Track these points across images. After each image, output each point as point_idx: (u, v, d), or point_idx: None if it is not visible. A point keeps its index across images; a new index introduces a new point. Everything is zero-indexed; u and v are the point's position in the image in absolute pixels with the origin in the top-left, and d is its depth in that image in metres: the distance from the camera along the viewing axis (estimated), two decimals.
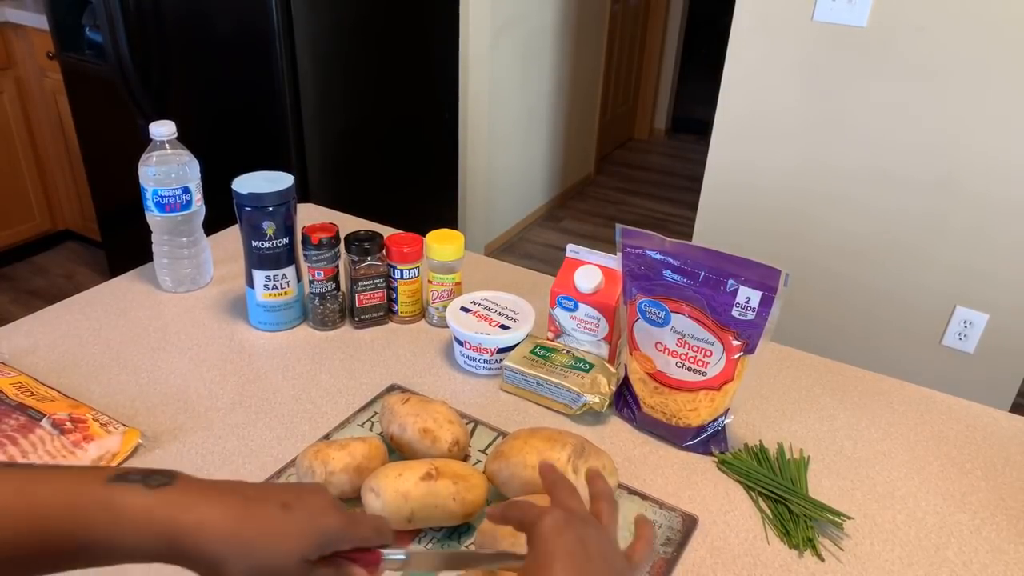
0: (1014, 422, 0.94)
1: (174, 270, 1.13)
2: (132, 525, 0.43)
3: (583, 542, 0.49)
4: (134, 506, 0.43)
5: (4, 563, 0.43)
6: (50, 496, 0.43)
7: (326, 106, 2.17)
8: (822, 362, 1.04)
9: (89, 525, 0.43)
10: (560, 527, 0.50)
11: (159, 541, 0.44)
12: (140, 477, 0.45)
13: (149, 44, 2.16)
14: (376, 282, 1.05)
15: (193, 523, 0.44)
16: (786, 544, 0.75)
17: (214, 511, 0.45)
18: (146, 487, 0.44)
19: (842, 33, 1.88)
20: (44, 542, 0.43)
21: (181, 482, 0.46)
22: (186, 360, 0.99)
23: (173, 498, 0.44)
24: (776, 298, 0.77)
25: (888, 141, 1.93)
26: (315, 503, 0.50)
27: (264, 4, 1.92)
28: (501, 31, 2.90)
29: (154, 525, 0.43)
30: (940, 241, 1.95)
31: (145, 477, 0.45)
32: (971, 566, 0.74)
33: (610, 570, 0.50)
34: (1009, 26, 1.71)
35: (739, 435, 0.89)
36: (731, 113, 2.12)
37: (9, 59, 2.71)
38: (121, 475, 0.45)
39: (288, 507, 0.48)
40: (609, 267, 0.95)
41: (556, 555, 0.48)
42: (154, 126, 1.04)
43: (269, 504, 0.47)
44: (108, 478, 0.44)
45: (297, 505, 0.48)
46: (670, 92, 4.72)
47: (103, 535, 0.43)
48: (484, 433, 0.88)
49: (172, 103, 2.23)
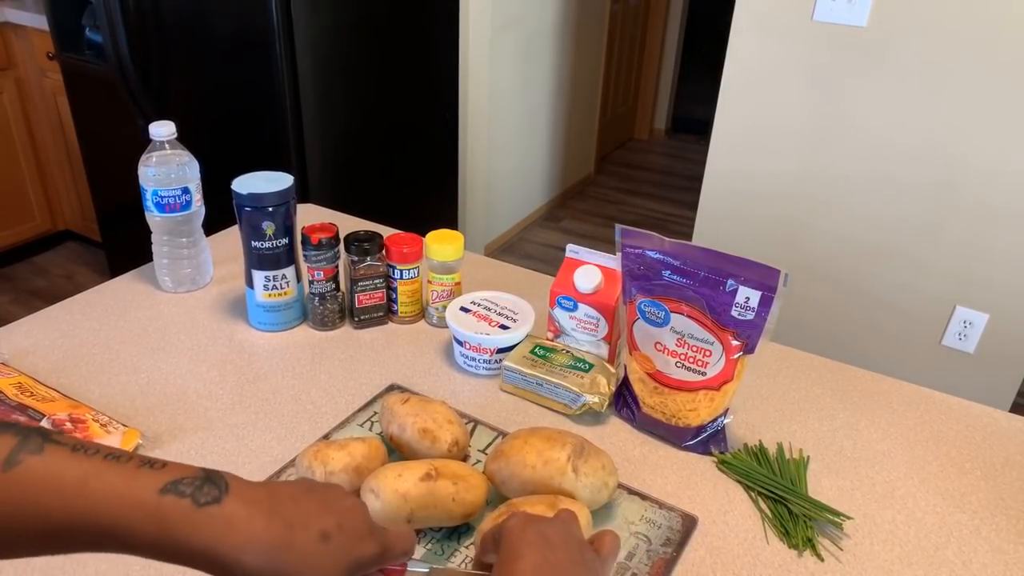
0: (1014, 422, 0.94)
1: (174, 270, 1.13)
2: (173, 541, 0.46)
3: (545, 535, 0.52)
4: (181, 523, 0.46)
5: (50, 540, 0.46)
6: (105, 493, 0.45)
7: (326, 106, 2.17)
8: (822, 362, 1.04)
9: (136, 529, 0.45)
10: (523, 523, 0.54)
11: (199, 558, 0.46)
12: (192, 489, 0.47)
13: (149, 44, 2.16)
14: (376, 282, 1.05)
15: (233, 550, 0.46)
16: (786, 544, 0.75)
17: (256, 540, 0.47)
18: (195, 504, 0.46)
19: (842, 33, 1.88)
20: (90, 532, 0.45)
21: (230, 500, 0.48)
22: (186, 360, 0.99)
23: (219, 521, 0.46)
24: (776, 298, 0.77)
25: (888, 141, 1.93)
26: (353, 529, 0.52)
27: (264, 4, 1.92)
28: (501, 31, 2.90)
29: (196, 545, 0.46)
30: (940, 241, 1.95)
31: (197, 489, 0.47)
32: (971, 566, 0.74)
33: (573, 558, 0.52)
34: (1009, 26, 1.71)
35: (739, 435, 0.89)
36: (731, 113, 2.12)
37: (9, 59, 2.71)
38: (173, 484, 0.47)
39: (327, 538, 0.50)
40: (609, 267, 0.95)
41: (522, 547, 0.51)
42: (154, 126, 1.04)
43: (310, 532, 0.49)
44: (161, 489, 0.46)
45: (336, 535, 0.50)
46: (670, 92, 4.72)
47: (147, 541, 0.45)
48: (484, 433, 0.88)
49: (172, 103, 2.23)
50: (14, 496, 0.44)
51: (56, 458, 0.46)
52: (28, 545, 0.46)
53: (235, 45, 2.04)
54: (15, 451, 0.45)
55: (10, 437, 0.46)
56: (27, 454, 0.45)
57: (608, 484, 0.74)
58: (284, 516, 0.49)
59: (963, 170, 1.87)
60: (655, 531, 0.75)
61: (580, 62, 3.67)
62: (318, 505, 0.52)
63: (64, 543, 0.46)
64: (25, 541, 0.46)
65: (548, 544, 0.52)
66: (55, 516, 0.45)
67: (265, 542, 0.47)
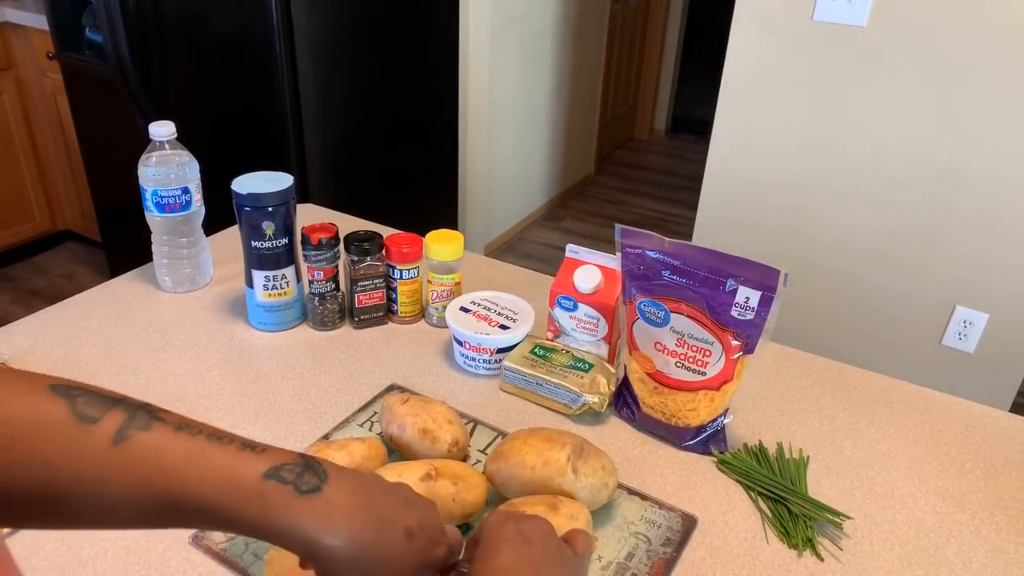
0: (1014, 422, 0.94)
1: (174, 270, 1.13)
2: (274, 524, 0.47)
3: (523, 531, 0.53)
4: (283, 510, 0.47)
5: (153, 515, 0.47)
6: (211, 472, 0.47)
7: (326, 106, 2.17)
8: (822, 362, 1.04)
9: (238, 510, 0.47)
10: (501, 520, 0.54)
11: (296, 544, 0.48)
12: (293, 476, 0.48)
13: (149, 44, 2.16)
14: (376, 282, 1.05)
15: (329, 539, 0.48)
16: (785, 544, 0.75)
17: (352, 531, 0.49)
18: (297, 491, 0.48)
19: (842, 33, 1.88)
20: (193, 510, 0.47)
21: (330, 488, 0.49)
22: (186, 360, 0.99)
23: (318, 511, 0.48)
24: (775, 298, 0.77)
25: (888, 141, 1.93)
26: (431, 531, 0.53)
27: (264, 4, 1.92)
28: (501, 31, 2.90)
29: (294, 532, 0.47)
30: (940, 241, 1.95)
31: (298, 478, 0.48)
32: (970, 566, 0.74)
33: (550, 554, 0.53)
34: (1009, 26, 1.71)
35: (738, 435, 0.89)
36: (731, 113, 2.12)
37: (9, 59, 2.71)
38: (276, 470, 0.48)
39: (411, 536, 0.51)
40: (609, 267, 0.95)
41: (499, 544, 0.52)
42: (154, 126, 1.04)
43: (397, 530, 0.51)
44: (265, 474, 0.48)
45: (419, 535, 0.52)
46: (670, 92, 4.72)
47: (248, 522, 0.47)
48: (483, 433, 0.88)
49: (172, 103, 2.23)
50: (122, 471, 0.45)
51: (163, 435, 0.47)
52: (134, 519, 0.47)
53: (235, 45, 2.04)
54: (124, 426, 0.46)
55: (119, 412, 0.47)
56: (135, 430, 0.46)
57: (608, 484, 0.74)
58: (378, 511, 0.51)
59: (964, 169, 1.86)
60: (655, 531, 0.75)
61: (580, 62, 3.67)
62: (403, 503, 0.53)
63: (166, 518, 0.47)
64: (130, 514, 0.47)
65: (525, 541, 0.52)
66: (160, 492, 0.46)
67: (359, 534, 0.49)
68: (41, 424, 0.45)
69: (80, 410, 0.46)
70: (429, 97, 2.64)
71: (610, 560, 0.72)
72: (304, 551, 0.48)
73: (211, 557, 0.71)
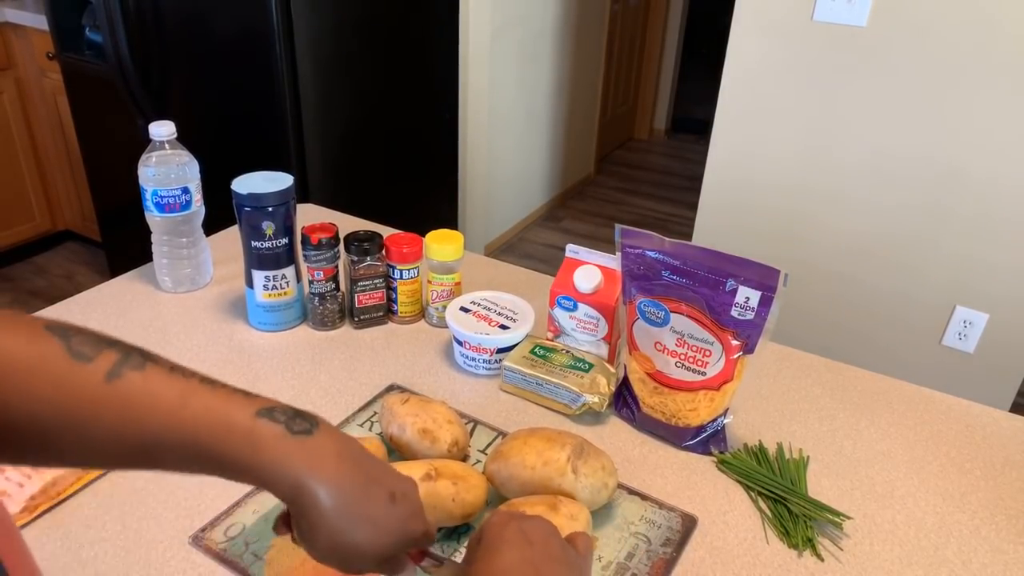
0: (1014, 422, 0.94)
1: (174, 270, 1.13)
2: (264, 463, 0.47)
3: (525, 532, 0.53)
4: (273, 448, 0.47)
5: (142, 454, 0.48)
6: (203, 411, 0.47)
7: (326, 106, 2.17)
8: (822, 362, 1.04)
9: (229, 448, 0.47)
10: (504, 520, 0.54)
11: (284, 484, 0.48)
12: (285, 418, 0.48)
13: (149, 44, 2.16)
14: (376, 282, 1.05)
15: (317, 483, 0.48)
16: (785, 544, 0.75)
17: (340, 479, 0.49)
18: (288, 431, 0.48)
19: (842, 33, 1.88)
20: (186, 446, 0.47)
21: (320, 435, 0.49)
22: (186, 360, 0.99)
23: (309, 452, 0.48)
24: (775, 298, 0.77)
25: (887, 141, 1.93)
26: (412, 503, 0.54)
27: (264, 5, 1.92)
28: (501, 31, 2.90)
29: (284, 471, 0.47)
30: (940, 241, 1.95)
31: (289, 420, 0.49)
32: (970, 566, 0.74)
33: (553, 554, 0.53)
34: (1008, 26, 1.71)
35: (739, 435, 0.89)
36: (731, 113, 2.12)
37: (9, 59, 2.71)
38: (268, 410, 0.48)
39: (394, 500, 0.52)
40: (609, 267, 0.95)
41: (501, 544, 0.52)
42: (154, 126, 1.04)
43: (382, 490, 0.51)
44: (257, 411, 0.48)
45: (401, 501, 0.52)
46: (670, 92, 4.72)
47: (237, 461, 0.47)
48: (484, 433, 0.88)
49: (172, 103, 2.23)
50: (114, 407, 0.46)
51: (156, 375, 0.48)
52: (122, 457, 0.48)
53: (235, 45, 2.04)
54: (118, 364, 0.47)
55: (113, 352, 0.48)
56: (129, 369, 0.47)
57: (608, 484, 0.74)
58: (365, 467, 0.51)
59: (963, 170, 1.87)
60: (655, 531, 0.75)
61: (580, 62, 3.67)
62: (388, 468, 0.54)
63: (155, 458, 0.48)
64: (120, 453, 0.47)
65: (527, 541, 0.52)
66: (151, 430, 0.47)
67: (347, 485, 0.49)
68: (37, 360, 0.46)
69: (75, 348, 0.47)
70: (429, 97, 2.64)
71: (610, 560, 0.72)
72: (290, 493, 0.48)
73: (211, 557, 0.71)
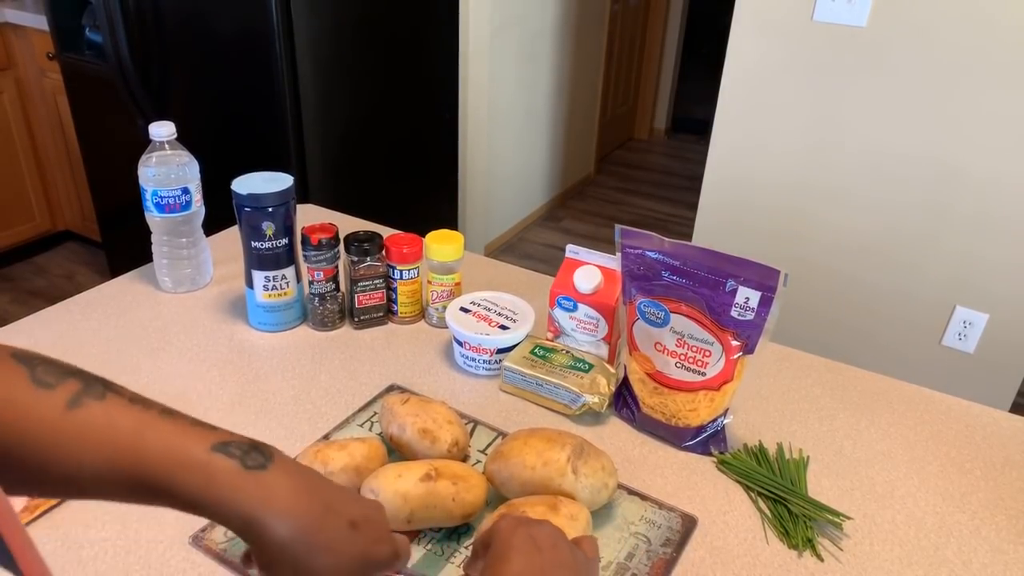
0: (1014, 422, 0.94)
1: (174, 270, 1.13)
2: (220, 498, 0.47)
3: (534, 538, 0.53)
4: (226, 483, 0.47)
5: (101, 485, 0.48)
6: (160, 443, 0.47)
7: (326, 106, 2.17)
8: (822, 362, 1.04)
9: (182, 482, 0.47)
10: (513, 526, 0.54)
11: (237, 519, 0.48)
12: (240, 452, 0.48)
13: (149, 44, 2.16)
14: (376, 282, 1.05)
15: (271, 517, 0.48)
16: (785, 544, 0.75)
17: (294, 512, 0.48)
18: (243, 466, 0.48)
19: (842, 33, 1.88)
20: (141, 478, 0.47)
21: (275, 468, 0.49)
22: (186, 360, 0.99)
23: (263, 486, 0.48)
24: (775, 298, 0.77)
25: (887, 142, 1.93)
26: (376, 528, 0.53)
27: (264, 5, 1.92)
28: (501, 31, 2.90)
29: (238, 506, 0.47)
30: (940, 241, 1.95)
31: (245, 454, 0.49)
32: (970, 566, 0.74)
33: (562, 561, 0.53)
34: (1008, 26, 1.71)
35: (738, 435, 0.89)
36: (731, 113, 2.12)
37: (9, 59, 2.71)
38: (223, 445, 0.48)
39: (355, 527, 0.51)
40: (608, 267, 0.95)
41: (510, 551, 0.52)
42: (154, 126, 1.04)
43: (341, 518, 0.51)
44: (213, 445, 0.48)
45: (363, 527, 0.52)
46: (670, 92, 4.72)
47: (190, 495, 0.47)
48: (484, 433, 0.88)
49: (172, 103, 2.23)
50: (74, 436, 0.47)
51: (116, 406, 0.48)
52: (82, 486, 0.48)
53: (235, 45, 2.04)
54: (79, 393, 0.48)
55: (75, 382, 0.49)
56: (89, 398, 0.48)
57: (608, 485, 0.74)
58: (322, 496, 0.51)
59: (963, 169, 1.87)
60: (655, 531, 0.75)
61: (580, 62, 3.67)
62: (348, 495, 0.53)
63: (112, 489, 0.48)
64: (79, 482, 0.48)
65: (536, 548, 0.52)
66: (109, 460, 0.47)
67: (302, 516, 0.48)
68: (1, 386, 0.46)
69: (39, 376, 0.48)
70: (429, 97, 2.64)
71: (610, 560, 0.72)
72: (244, 529, 0.48)
73: (211, 557, 0.71)
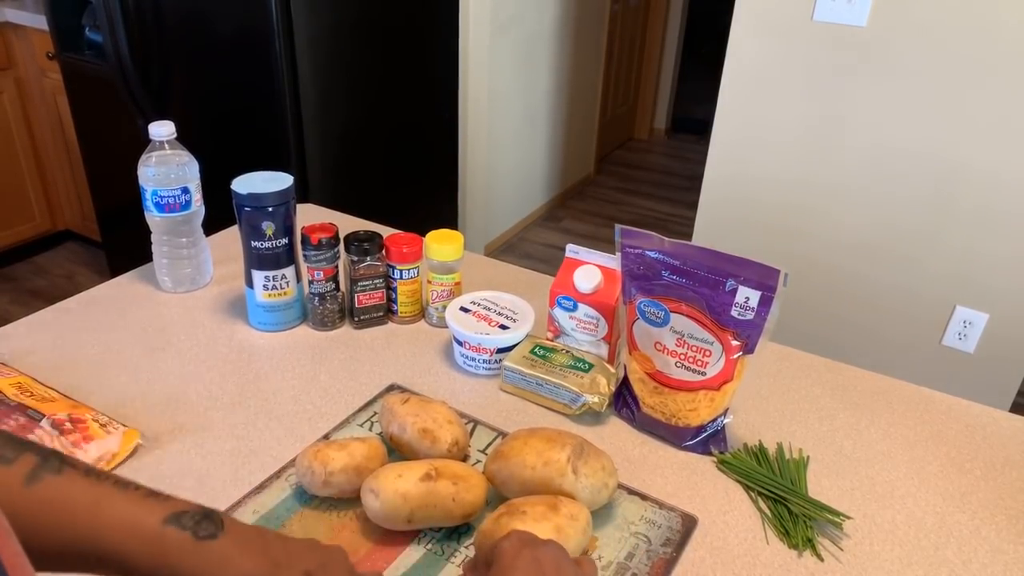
0: (1014, 422, 0.94)
1: (174, 270, 1.13)
2: (173, 568, 0.49)
3: (538, 559, 0.54)
4: (179, 554, 0.49)
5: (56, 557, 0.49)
6: (113, 518, 0.49)
7: (326, 106, 2.17)
8: (822, 362, 1.04)
9: (138, 555, 0.49)
10: (517, 547, 0.55)
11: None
12: (192, 523, 0.50)
13: (149, 44, 2.16)
14: (375, 282, 1.05)
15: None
16: (785, 544, 0.75)
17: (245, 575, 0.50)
18: (194, 537, 0.50)
19: (842, 33, 1.88)
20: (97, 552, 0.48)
21: (225, 537, 0.51)
22: (186, 360, 0.99)
23: (215, 556, 0.50)
24: (775, 298, 0.77)
25: (887, 141, 1.93)
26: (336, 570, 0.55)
27: (264, 4, 1.92)
28: (501, 31, 2.90)
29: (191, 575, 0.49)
30: (940, 241, 1.95)
31: (196, 524, 0.50)
32: (970, 566, 0.74)
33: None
34: (1009, 26, 1.71)
35: (739, 435, 0.89)
36: (731, 113, 2.12)
37: (9, 59, 2.71)
38: (176, 516, 0.50)
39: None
40: (608, 267, 0.95)
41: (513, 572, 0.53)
42: (154, 126, 1.04)
43: (294, 571, 0.52)
44: (166, 518, 0.50)
45: (319, 573, 0.53)
46: (670, 92, 4.72)
47: (146, 568, 0.49)
48: (484, 433, 0.88)
49: (172, 103, 2.23)
50: (32, 511, 0.48)
51: (72, 480, 0.49)
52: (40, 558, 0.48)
53: (235, 45, 2.04)
54: (36, 468, 0.49)
55: (31, 456, 0.49)
56: (47, 472, 0.49)
57: (608, 485, 0.74)
58: (272, 555, 0.52)
59: (963, 169, 1.87)
60: (655, 531, 0.75)
61: (580, 62, 3.67)
62: (304, 547, 0.55)
63: (69, 562, 0.49)
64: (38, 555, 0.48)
65: (540, 571, 0.53)
66: (66, 534, 0.48)
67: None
68: None
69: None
70: (429, 97, 2.64)
71: (610, 560, 0.72)
72: None
73: None
